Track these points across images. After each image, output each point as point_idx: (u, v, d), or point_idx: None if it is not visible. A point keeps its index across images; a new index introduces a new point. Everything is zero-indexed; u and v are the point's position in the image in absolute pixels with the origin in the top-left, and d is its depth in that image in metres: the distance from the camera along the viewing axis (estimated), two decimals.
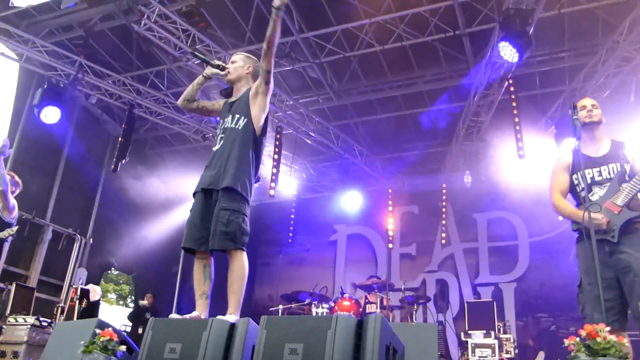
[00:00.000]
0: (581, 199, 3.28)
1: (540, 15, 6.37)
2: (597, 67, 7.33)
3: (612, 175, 3.17)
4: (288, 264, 10.79)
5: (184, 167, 10.45)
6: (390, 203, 10.72)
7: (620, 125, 7.06)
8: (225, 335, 2.48)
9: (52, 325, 6.01)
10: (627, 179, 3.12)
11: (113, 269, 11.94)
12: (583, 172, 3.19)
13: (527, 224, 9.51)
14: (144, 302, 9.38)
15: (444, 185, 10.32)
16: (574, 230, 3.24)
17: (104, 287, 17.96)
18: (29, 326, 5.77)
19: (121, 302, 21.30)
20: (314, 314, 6.57)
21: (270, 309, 7.45)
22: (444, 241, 10.17)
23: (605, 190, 3.15)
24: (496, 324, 7.02)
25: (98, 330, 2.70)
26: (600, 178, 3.20)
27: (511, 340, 6.93)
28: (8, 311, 6.27)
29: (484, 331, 6.82)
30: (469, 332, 6.93)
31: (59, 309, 7.48)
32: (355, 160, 10.14)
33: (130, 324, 9.38)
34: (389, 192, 10.79)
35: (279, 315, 6.88)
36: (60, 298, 8.65)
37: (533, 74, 8.24)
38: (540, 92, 8.65)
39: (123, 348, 2.71)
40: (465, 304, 7.77)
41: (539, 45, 7.73)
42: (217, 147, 3.21)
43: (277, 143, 8.98)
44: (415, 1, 7.06)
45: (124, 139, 8.59)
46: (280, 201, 11.16)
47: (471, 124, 8.75)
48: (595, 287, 2.77)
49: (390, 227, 10.62)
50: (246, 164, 3.11)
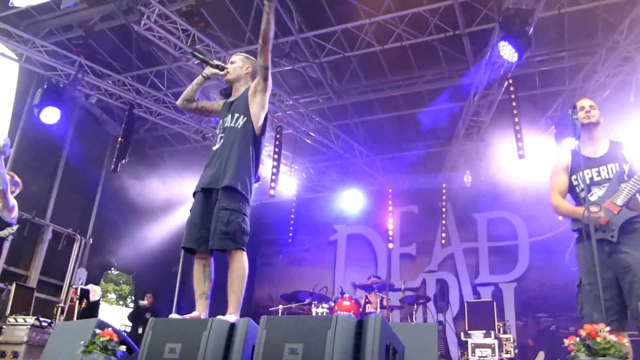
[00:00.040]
0: (580, 200, 3.28)
1: (540, 15, 6.36)
2: (597, 67, 7.33)
3: (611, 176, 3.17)
4: (288, 264, 10.79)
5: (184, 167, 10.45)
6: (390, 203, 10.73)
7: (620, 125, 7.08)
8: (225, 335, 2.48)
9: (52, 325, 6.01)
10: (626, 178, 3.12)
11: (113, 269, 11.94)
12: (583, 173, 3.19)
13: (527, 224, 9.51)
14: (144, 302, 9.38)
15: (444, 185, 10.31)
16: (574, 231, 3.25)
17: (104, 287, 17.96)
18: (28, 326, 5.77)
19: (121, 302, 21.30)
20: (314, 314, 6.56)
21: (270, 309, 7.45)
22: (444, 241, 10.17)
23: (604, 190, 3.15)
24: (496, 324, 7.02)
25: (98, 331, 2.69)
26: (599, 178, 3.21)
27: (511, 340, 6.93)
28: (8, 311, 6.27)
29: (484, 331, 6.81)
30: (469, 332, 6.92)
31: (59, 309, 7.48)
32: (355, 160, 10.13)
33: (130, 324, 9.38)
34: (389, 192, 10.79)
35: (279, 315, 6.88)
36: (60, 298, 8.65)
37: (533, 73, 8.24)
38: (540, 92, 8.65)
39: (123, 348, 2.71)
40: (465, 304, 7.77)
41: (539, 45, 7.73)
42: (217, 147, 3.21)
43: (277, 143, 8.97)
44: (415, 1, 7.06)
45: (124, 139, 8.59)
46: (280, 201, 11.15)
47: (471, 124, 8.76)
48: (595, 287, 2.77)
49: (390, 227, 10.63)
50: (246, 163, 3.12)
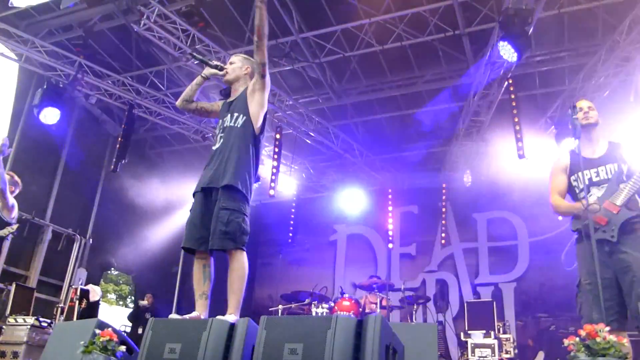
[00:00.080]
0: (579, 200, 3.28)
1: (540, 15, 6.36)
2: (597, 67, 7.33)
3: (610, 176, 3.18)
4: (288, 264, 10.81)
5: (183, 167, 10.46)
6: (390, 203, 10.73)
7: (620, 125, 7.07)
8: (225, 335, 2.48)
9: (52, 325, 6.01)
10: (625, 179, 3.13)
11: (113, 269, 11.93)
12: (582, 174, 3.20)
13: (527, 224, 9.51)
14: (143, 302, 9.38)
15: (444, 185, 10.32)
16: (574, 231, 3.25)
17: (104, 287, 17.96)
18: (28, 326, 5.77)
19: (121, 302, 21.29)
20: (313, 314, 6.56)
21: (270, 309, 7.45)
22: (443, 241, 10.17)
23: (603, 191, 3.16)
24: (496, 324, 7.02)
25: (98, 331, 2.69)
26: (597, 179, 3.22)
27: (511, 340, 6.93)
28: (8, 311, 6.27)
29: (484, 331, 6.81)
30: (469, 332, 6.92)
31: (59, 309, 7.48)
32: (355, 160, 10.13)
33: (130, 324, 9.38)
34: (389, 192, 10.79)
35: (279, 315, 6.88)
36: (60, 298, 8.64)
37: (533, 73, 8.24)
38: (540, 92, 8.65)
39: (123, 348, 2.71)
40: (465, 304, 7.77)
41: (539, 45, 7.72)
42: (217, 146, 3.20)
43: (277, 143, 8.97)
44: (415, 1, 7.06)
45: (124, 139, 8.59)
46: (280, 201, 11.15)
47: (471, 124, 8.76)
48: (595, 287, 2.77)
49: (390, 227, 10.63)
50: (246, 162, 3.12)
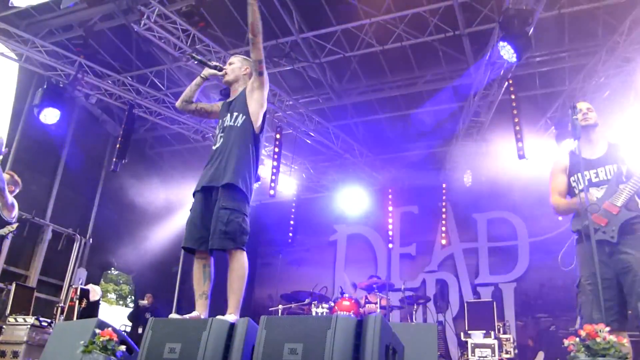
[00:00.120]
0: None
1: (540, 15, 6.36)
2: (597, 67, 7.32)
3: (609, 177, 3.18)
4: (288, 264, 10.79)
5: (183, 167, 10.46)
6: (390, 203, 10.73)
7: (620, 125, 7.07)
8: (225, 335, 2.48)
9: (52, 325, 6.02)
10: (625, 180, 3.13)
11: (113, 269, 11.94)
12: (582, 174, 3.20)
13: (527, 224, 9.51)
14: (143, 302, 9.38)
15: (444, 185, 10.32)
16: (574, 232, 3.25)
17: (104, 287, 17.97)
18: (28, 326, 5.78)
19: (121, 302, 21.30)
20: (313, 314, 6.56)
21: (270, 309, 7.46)
22: (444, 241, 10.17)
23: (602, 191, 3.16)
24: (496, 324, 7.02)
25: (98, 330, 2.69)
26: (597, 180, 3.22)
27: (511, 341, 6.93)
28: (8, 311, 6.28)
29: (484, 331, 6.81)
30: (469, 332, 6.92)
31: (59, 309, 7.49)
32: (355, 160, 10.13)
33: (130, 324, 9.38)
34: (389, 192, 10.79)
35: (279, 315, 6.88)
36: (60, 298, 8.64)
37: (533, 74, 8.24)
38: (540, 93, 8.64)
39: (123, 348, 2.71)
40: (465, 304, 7.77)
41: (539, 45, 7.70)
42: (217, 146, 3.20)
43: (277, 143, 8.97)
44: (415, 1, 7.06)
45: (124, 139, 8.59)
46: (280, 201, 11.14)
47: (471, 124, 8.76)
48: (595, 288, 2.77)
49: (390, 227, 10.63)
50: (247, 161, 3.12)
